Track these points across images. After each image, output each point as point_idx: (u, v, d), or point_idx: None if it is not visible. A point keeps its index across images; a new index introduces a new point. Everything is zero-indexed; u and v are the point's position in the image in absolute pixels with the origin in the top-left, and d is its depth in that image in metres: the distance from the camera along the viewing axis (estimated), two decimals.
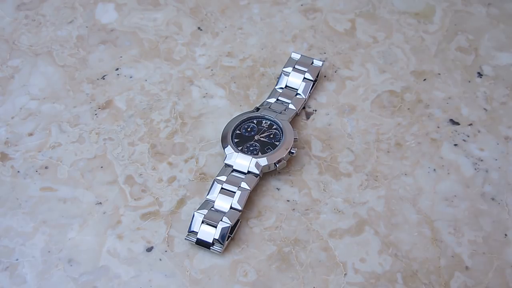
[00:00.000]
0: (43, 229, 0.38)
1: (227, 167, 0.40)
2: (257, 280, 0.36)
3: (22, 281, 0.36)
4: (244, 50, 0.48)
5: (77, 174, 0.41)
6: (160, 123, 0.44)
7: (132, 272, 0.37)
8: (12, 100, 0.45)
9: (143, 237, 0.38)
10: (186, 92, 0.45)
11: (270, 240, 0.38)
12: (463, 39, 0.49)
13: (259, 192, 0.40)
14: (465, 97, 0.45)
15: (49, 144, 0.43)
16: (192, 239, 0.37)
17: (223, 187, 0.39)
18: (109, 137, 0.43)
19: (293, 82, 0.45)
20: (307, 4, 0.51)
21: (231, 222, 0.37)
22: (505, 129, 0.43)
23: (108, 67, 0.47)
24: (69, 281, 0.36)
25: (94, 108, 0.45)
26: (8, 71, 0.47)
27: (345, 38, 0.49)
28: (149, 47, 0.48)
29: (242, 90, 0.46)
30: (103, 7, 0.51)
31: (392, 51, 0.48)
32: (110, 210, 0.39)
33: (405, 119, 0.44)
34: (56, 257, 0.37)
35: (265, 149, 0.40)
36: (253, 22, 0.50)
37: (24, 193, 0.40)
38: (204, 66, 0.47)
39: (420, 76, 0.46)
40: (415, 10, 0.51)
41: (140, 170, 0.41)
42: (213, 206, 0.38)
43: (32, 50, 0.48)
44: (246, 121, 0.42)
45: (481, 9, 0.51)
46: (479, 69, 0.47)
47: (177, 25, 0.50)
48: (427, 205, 0.39)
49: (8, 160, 0.42)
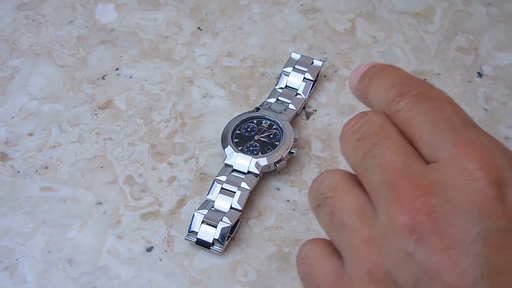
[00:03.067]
0: (43, 229, 0.38)
1: (227, 167, 0.40)
2: (257, 280, 0.36)
3: (22, 281, 0.36)
4: (244, 50, 0.48)
5: (77, 174, 0.41)
6: (160, 123, 0.44)
7: (132, 272, 0.37)
8: (12, 100, 0.45)
9: (143, 237, 0.38)
10: (186, 92, 0.45)
11: (270, 240, 0.38)
12: (463, 39, 0.49)
13: (259, 192, 0.40)
14: (465, 97, 0.45)
15: (49, 144, 0.43)
16: (192, 239, 0.37)
17: (223, 187, 0.39)
18: (109, 137, 0.43)
19: (293, 82, 0.45)
20: (307, 4, 0.51)
21: (231, 222, 0.37)
22: (505, 129, 0.43)
23: (108, 67, 0.47)
24: (69, 281, 0.36)
25: (94, 108, 0.45)
26: (8, 71, 0.47)
27: (345, 38, 0.49)
28: (149, 47, 0.48)
29: (242, 90, 0.46)
30: (103, 7, 0.51)
31: (392, 51, 0.48)
32: (110, 210, 0.39)
33: None
34: (56, 257, 0.37)
35: (265, 149, 0.40)
36: (253, 22, 0.50)
37: (24, 193, 0.40)
38: (204, 66, 0.47)
39: (420, 76, 0.46)
40: (415, 10, 0.51)
41: (140, 170, 0.41)
42: (213, 206, 0.38)
43: (32, 50, 0.48)
44: (246, 121, 0.42)
45: (481, 9, 0.51)
46: (479, 69, 0.47)
47: (177, 25, 0.50)
48: None
49: (8, 160, 0.42)
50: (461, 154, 0.23)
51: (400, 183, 0.23)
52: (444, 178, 0.23)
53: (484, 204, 0.22)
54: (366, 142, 0.25)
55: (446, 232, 0.22)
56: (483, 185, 0.22)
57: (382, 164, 0.24)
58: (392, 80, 0.26)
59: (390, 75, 0.27)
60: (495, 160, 0.23)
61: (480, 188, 0.22)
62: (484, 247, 0.22)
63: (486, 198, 0.22)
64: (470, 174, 0.23)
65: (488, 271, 0.21)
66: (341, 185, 0.26)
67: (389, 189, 0.23)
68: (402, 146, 0.24)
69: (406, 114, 0.25)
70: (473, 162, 0.23)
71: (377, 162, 0.24)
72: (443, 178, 0.23)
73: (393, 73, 0.27)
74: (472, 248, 0.22)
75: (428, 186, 0.23)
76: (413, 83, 0.26)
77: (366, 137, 0.25)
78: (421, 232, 0.22)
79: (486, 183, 0.22)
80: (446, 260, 0.22)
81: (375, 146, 0.25)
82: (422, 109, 0.25)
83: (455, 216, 0.22)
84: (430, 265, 0.22)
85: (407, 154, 0.24)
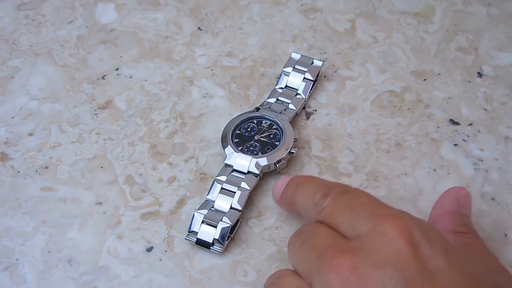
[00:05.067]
0: (43, 229, 0.38)
1: (227, 167, 0.40)
2: (257, 280, 0.36)
3: (22, 281, 0.36)
4: (244, 50, 0.48)
5: (77, 174, 0.41)
6: (160, 123, 0.44)
7: (132, 272, 0.37)
8: (12, 100, 0.45)
9: (143, 237, 0.38)
10: (186, 92, 0.45)
11: (270, 240, 0.38)
12: (463, 39, 0.49)
13: (259, 192, 0.40)
14: (465, 97, 0.45)
15: (49, 144, 0.43)
16: (192, 239, 0.37)
17: (223, 187, 0.39)
18: (109, 137, 0.43)
19: (293, 82, 0.45)
20: (307, 4, 0.51)
21: (231, 222, 0.37)
22: (505, 129, 0.43)
23: (108, 67, 0.47)
24: (69, 281, 0.36)
25: (94, 108, 0.45)
26: (8, 71, 0.47)
27: (345, 38, 0.49)
28: (149, 47, 0.48)
29: (242, 90, 0.46)
30: (103, 7, 0.51)
31: (392, 51, 0.48)
32: (110, 210, 0.39)
33: (405, 119, 0.44)
34: (56, 257, 0.37)
35: (265, 149, 0.40)
36: (253, 22, 0.50)
37: (24, 193, 0.40)
38: (204, 66, 0.47)
39: (420, 76, 0.46)
40: (415, 10, 0.51)
41: (140, 170, 0.41)
42: (213, 206, 0.38)
43: (32, 50, 0.48)
44: (246, 121, 0.42)
45: (481, 9, 0.51)
46: (479, 69, 0.47)
47: (177, 25, 0.50)
48: (427, 205, 0.39)
49: (8, 160, 0.42)
50: (377, 225, 0.28)
51: (328, 252, 0.28)
52: (365, 243, 0.28)
53: (399, 259, 0.26)
54: (303, 235, 0.31)
55: (368, 285, 0.26)
56: (398, 243, 0.27)
57: (315, 246, 0.29)
58: (315, 187, 0.32)
59: (312, 184, 0.33)
60: (406, 224, 0.28)
61: (396, 246, 0.27)
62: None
63: (401, 253, 0.27)
64: (386, 237, 0.27)
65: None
66: (284, 274, 0.31)
67: (320, 259, 0.28)
68: (330, 233, 0.30)
69: (330, 209, 0.31)
70: (388, 227, 0.28)
71: (311, 246, 0.30)
72: (363, 244, 0.28)
73: (314, 181, 0.34)
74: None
75: (351, 250, 0.28)
76: (333, 186, 0.32)
77: (303, 231, 0.31)
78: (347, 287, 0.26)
79: (400, 241, 0.27)
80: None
81: (309, 236, 0.30)
82: (342, 201, 0.31)
83: (375, 271, 0.26)
84: None
85: (334, 236, 0.29)
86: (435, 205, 0.35)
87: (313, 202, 0.32)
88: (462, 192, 0.34)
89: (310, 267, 0.29)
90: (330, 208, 0.31)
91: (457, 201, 0.34)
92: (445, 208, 0.34)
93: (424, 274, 0.26)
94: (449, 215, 0.33)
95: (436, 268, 0.27)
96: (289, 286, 0.30)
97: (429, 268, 0.27)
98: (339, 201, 0.31)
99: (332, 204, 0.31)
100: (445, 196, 0.35)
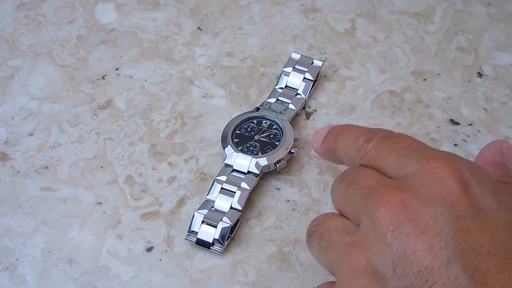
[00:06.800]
0: (43, 229, 0.38)
1: (227, 167, 0.40)
2: (257, 280, 0.36)
3: (22, 281, 0.36)
4: (244, 50, 0.48)
5: (77, 174, 0.41)
6: (160, 123, 0.44)
7: (132, 272, 0.37)
8: (12, 100, 0.45)
9: (143, 237, 0.38)
10: (186, 92, 0.45)
11: (270, 240, 0.38)
12: (463, 39, 0.49)
13: (259, 192, 0.40)
14: (465, 97, 0.45)
15: (49, 144, 0.43)
16: (192, 239, 0.37)
17: (223, 187, 0.39)
18: (109, 137, 0.43)
19: (293, 82, 0.45)
20: (307, 4, 0.51)
21: (231, 222, 0.37)
22: (505, 129, 0.43)
23: (108, 67, 0.47)
24: (69, 281, 0.36)
25: (94, 108, 0.45)
26: (8, 71, 0.47)
27: (345, 38, 0.49)
28: (149, 47, 0.48)
29: (242, 90, 0.46)
30: (103, 7, 0.51)
31: (392, 51, 0.48)
32: (110, 210, 0.39)
33: (405, 119, 0.44)
34: (56, 257, 0.37)
35: (265, 149, 0.40)
36: (253, 22, 0.50)
37: (24, 193, 0.40)
38: (204, 66, 0.47)
39: (420, 76, 0.46)
40: (415, 10, 0.51)
41: (140, 170, 0.41)
42: (213, 206, 0.38)
43: (32, 50, 0.48)
44: (246, 121, 0.42)
45: (481, 9, 0.51)
46: (479, 69, 0.47)
47: (177, 25, 0.50)
48: None
49: (8, 160, 0.42)
50: (426, 165, 0.27)
51: (376, 190, 0.27)
52: (414, 182, 0.27)
53: (449, 197, 0.26)
54: (348, 177, 0.30)
55: (418, 221, 0.25)
56: (448, 182, 0.26)
57: (361, 186, 0.28)
58: (356, 133, 0.32)
59: (354, 130, 0.32)
60: (456, 164, 0.27)
61: (446, 184, 0.26)
62: (453, 232, 0.25)
63: (451, 192, 0.26)
64: (436, 176, 0.27)
65: (458, 252, 0.24)
66: (328, 216, 0.31)
67: (368, 197, 0.27)
68: (375, 174, 0.29)
69: (374, 153, 0.30)
70: (437, 167, 0.27)
71: (357, 187, 0.29)
72: (412, 182, 0.27)
73: (355, 128, 0.33)
74: (443, 233, 0.25)
75: (400, 187, 0.27)
76: (376, 131, 0.31)
77: (346, 175, 0.30)
78: (396, 223, 0.26)
79: (450, 180, 0.26)
80: (421, 245, 0.25)
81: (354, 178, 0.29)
82: (387, 145, 0.30)
83: (426, 208, 0.26)
84: (407, 251, 0.25)
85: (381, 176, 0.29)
86: (477, 156, 0.35)
87: (356, 148, 0.31)
88: (505, 145, 0.34)
89: (357, 207, 0.28)
90: (375, 151, 0.30)
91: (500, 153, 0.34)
92: (488, 159, 0.33)
93: (476, 212, 0.26)
94: (492, 166, 0.33)
95: (487, 207, 0.26)
96: (335, 226, 0.29)
97: (480, 207, 0.26)
98: (383, 145, 0.30)
99: (377, 147, 0.30)
100: (487, 148, 0.34)
